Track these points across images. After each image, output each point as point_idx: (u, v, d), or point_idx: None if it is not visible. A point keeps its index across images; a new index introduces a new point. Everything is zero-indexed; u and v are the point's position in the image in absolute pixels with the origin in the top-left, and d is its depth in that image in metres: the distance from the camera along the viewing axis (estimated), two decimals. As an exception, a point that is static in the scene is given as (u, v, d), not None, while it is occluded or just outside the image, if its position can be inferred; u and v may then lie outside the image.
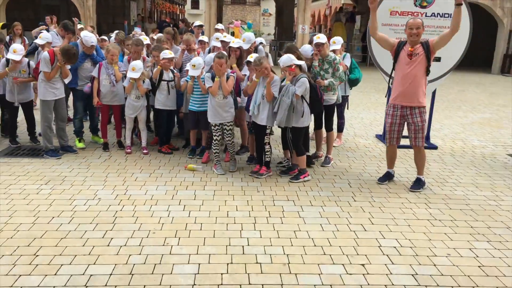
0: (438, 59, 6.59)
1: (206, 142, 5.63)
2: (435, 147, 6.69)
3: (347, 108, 6.68)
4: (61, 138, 5.73)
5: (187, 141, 6.07)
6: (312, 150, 5.82)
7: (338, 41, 6.21)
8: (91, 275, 2.98)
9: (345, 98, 6.35)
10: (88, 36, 5.90)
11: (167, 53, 5.60)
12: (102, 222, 3.78)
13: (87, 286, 2.85)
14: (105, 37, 7.30)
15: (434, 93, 6.85)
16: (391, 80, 4.94)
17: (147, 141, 5.98)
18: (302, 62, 5.06)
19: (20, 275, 2.96)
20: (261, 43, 6.19)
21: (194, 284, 2.91)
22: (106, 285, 2.87)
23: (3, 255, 3.20)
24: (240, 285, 2.93)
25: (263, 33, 53.07)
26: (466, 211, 4.31)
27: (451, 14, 6.35)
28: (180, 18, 27.77)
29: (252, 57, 4.96)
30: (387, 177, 5.08)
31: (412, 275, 3.12)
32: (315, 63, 5.36)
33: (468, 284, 3.04)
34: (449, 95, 12.15)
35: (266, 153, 5.09)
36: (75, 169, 5.14)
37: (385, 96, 5.06)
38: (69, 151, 5.73)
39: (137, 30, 9.25)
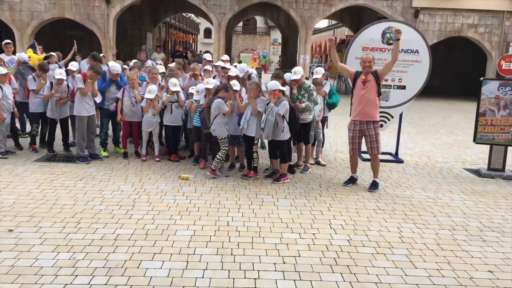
0: (403, 87, 7.91)
1: (200, 153, 6.90)
2: (401, 161, 7.89)
3: (327, 127, 7.94)
4: (90, 148, 7.07)
5: (192, 152, 7.36)
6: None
7: (319, 71, 7.56)
8: (118, 234, 4.24)
9: (324, 119, 7.63)
10: (115, 66, 7.33)
11: (172, 85, 6.90)
12: (125, 205, 5.05)
13: (116, 240, 4.11)
14: (126, 66, 8.71)
15: (401, 116, 8.11)
16: (351, 101, 6.24)
17: (159, 151, 7.29)
18: (285, 88, 6.38)
19: (69, 233, 4.22)
20: (252, 73, 7.55)
21: (190, 241, 4.15)
22: (129, 239, 4.12)
23: (55, 222, 4.47)
24: (223, 242, 4.15)
25: (273, 61, 55.01)
26: (407, 205, 5.50)
27: (412, 50, 7.78)
28: (190, 48, 29.62)
29: (235, 85, 6.28)
30: (351, 180, 6.30)
31: (347, 240, 4.32)
32: (294, 90, 6.68)
33: (386, 246, 4.23)
34: (432, 120, 13.37)
35: (254, 159, 6.36)
36: (102, 171, 6.44)
37: (349, 115, 6.31)
38: (96, 158, 7.05)
39: (149, 62, 10.74)
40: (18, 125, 8.36)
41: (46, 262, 3.63)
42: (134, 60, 9.83)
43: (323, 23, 47.70)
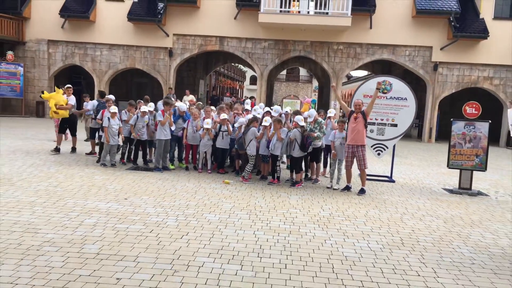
0: (395, 125, 10.41)
1: (240, 167, 9.64)
2: (393, 181, 10.27)
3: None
4: (163, 162, 9.99)
5: (234, 167, 10.13)
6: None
7: (332, 112, 10.30)
8: (188, 204, 6.98)
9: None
10: (182, 105, 10.37)
11: (222, 116, 9.81)
12: (190, 192, 7.81)
13: (187, 206, 6.85)
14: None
15: (394, 147, 10.55)
16: (346, 131, 8.87)
17: (210, 166, 10.09)
18: (303, 124, 9.08)
19: (160, 201, 7.00)
20: (282, 113, 10.33)
21: (231, 208, 6.82)
22: (195, 206, 6.85)
23: (149, 197, 7.29)
24: (251, 210, 6.80)
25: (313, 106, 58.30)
26: (379, 202, 7.94)
27: (402, 97, 10.32)
28: (235, 94, 33.03)
29: (266, 121, 9.04)
30: (346, 188, 8.80)
31: (329, 214, 6.85)
32: (309, 125, 9.37)
33: (353, 217, 6.71)
34: (441, 158, 15.52)
35: (277, 171, 9.03)
36: (172, 176, 9.30)
37: (344, 140, 8.93)
38: (167, 169, 9.94)
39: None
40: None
41: (151, 210, 6.42)
42: (198, 103, 12.91)
43: (361, 73, 50.78)
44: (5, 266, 4.13)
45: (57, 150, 11.40)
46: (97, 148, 11.02)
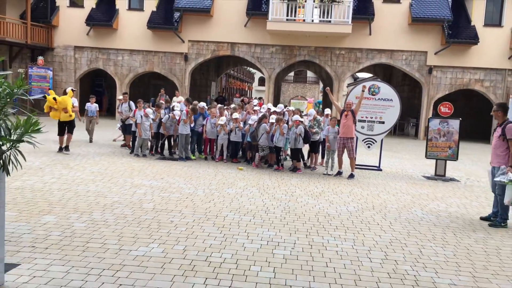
0: (383, 122, 12.25)
1: (251, 158, 11.56)
2: (380, 170, 12.11)
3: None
4: (186, 153, 11.93)
5: (246, 158, 12.04)
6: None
7: (327, 111, 12.19)
8: (210, 182, 8.90)
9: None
10: (202, 104, 12.31)
11: (235, 115, 11.73)
12: (211, 175, 9.73)
13: (210, 183, 8.77)
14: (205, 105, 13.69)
15: (381, 141, 12.39)
16: (339, 126, 10.74)
17: (226, 156, 12.01)
18: (302, 119, 10.97)
19: (188, 180, 8.93)
20: (287, 110, 12.23)
21: (244, 186, 8.72)
22: (216, 184, 8.77)
23: (180, 178, 9.21)
24: (260, 187, 8.70)
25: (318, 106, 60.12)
26: (364, 183, 9.79)
27: (388, 98, 12.16)
28: (246, 96, 34.94)
29: (273, 119, 10.95)
30: (338, 173, 10.67)
31: (322, 190, 8.74)
32: (309, 122, 11.26)
33: (340, 192, 8.59)
34: (429, 152, 17.28)
35: (281, 160, 10.93)
36: (194, 164, 11.22)
37: (337, 134, 10.79)
38: (189, 159, 11.88)
39: (236, 103, 15.68)
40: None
41: (183, 186, 8.34)
42: (214, 103, 14.87)
43: (366, 75, 52.61)
44: (95, 214, 6.08)
45: (61, 149, 11.76)
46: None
